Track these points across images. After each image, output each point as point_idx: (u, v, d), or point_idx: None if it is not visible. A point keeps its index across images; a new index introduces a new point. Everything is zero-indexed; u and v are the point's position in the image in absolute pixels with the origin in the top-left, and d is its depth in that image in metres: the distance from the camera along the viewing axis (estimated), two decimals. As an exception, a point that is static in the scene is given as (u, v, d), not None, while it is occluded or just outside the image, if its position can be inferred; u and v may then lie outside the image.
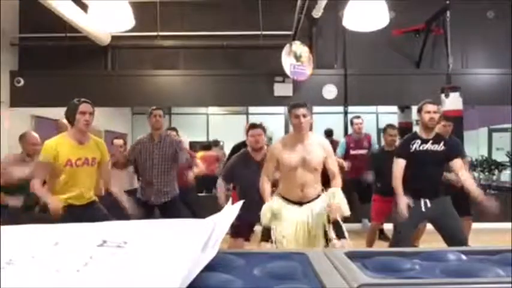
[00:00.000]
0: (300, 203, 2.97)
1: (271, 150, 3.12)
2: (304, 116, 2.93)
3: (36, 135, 4.05)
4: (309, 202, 2.97)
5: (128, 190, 5.14)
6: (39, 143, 3.91)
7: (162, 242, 0.62)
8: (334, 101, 6.68)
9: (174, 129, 4.92)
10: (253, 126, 3.79)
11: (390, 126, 4.74)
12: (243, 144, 4.44)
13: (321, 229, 2.89)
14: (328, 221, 2.87)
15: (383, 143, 4.80)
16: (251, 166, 3.59)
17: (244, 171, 3.65)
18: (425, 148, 3.32)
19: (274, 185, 3.20)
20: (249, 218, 3.21)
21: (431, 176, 3.31)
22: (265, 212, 2.91)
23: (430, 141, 3.33)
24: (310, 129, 3.18)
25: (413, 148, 3.33)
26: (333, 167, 3.07)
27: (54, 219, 2.75)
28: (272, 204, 2.94)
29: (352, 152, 5.46)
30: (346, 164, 5.03)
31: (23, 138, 3.99)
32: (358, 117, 5.59)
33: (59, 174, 2.99)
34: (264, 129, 3.78)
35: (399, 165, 3.34)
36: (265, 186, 3.07)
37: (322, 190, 3.04)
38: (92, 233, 0.67)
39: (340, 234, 2.88)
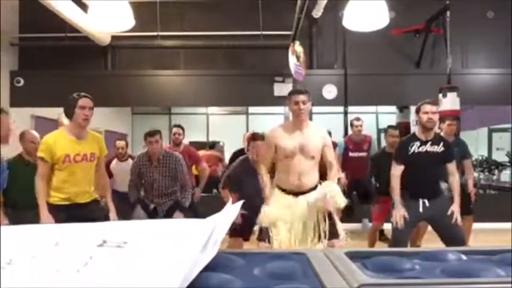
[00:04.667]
0: (297, 193, 2.93)
1: (269, 136, 3.07)
2: (303, 102, 2.91)
3: (35, 133, 4.07)
4: (305, 192, 2.93)
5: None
6: (37, 141, 3.93)
7: (162, 242, 0.62)
8: (334, 101, 6.68)
9: (180, 126, 4.87)
10: (254, 138, 3.73)
11: (392, 127, 4.72)
12: (242, 152, 4.47)
13: (315, 224, 2.87)
14: (324, 219, 2.85)
15: (384, 143, 4.79)
16: (252, 174, 3.57)
17: (245, 179, 3.65)
18: (424, 150, 3.28)
19: (273, 170, 3.16)
20: (251, 223, 3.20)
21: (430, 177, 3.29)
22: (263, 217, 2.90)
23: (429, 143, 3.29)
24: (310, 117, 3.16)
25: (412, 150, 3.29)
26: (331, 157, 3.03)
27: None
28: (271, 210, 2.92)
29: (350, 154, 5.43)
30: (343, 177, 5.09)
31: (22, 136, 4.02)
32: (358, 119, 5.56)
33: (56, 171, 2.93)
34: None
35: (396, 173, 3.31)
36: (265, 179, 3.03)
37: (320, 183, 3.00)
38: (92, 233, 0.67)
39: (334, 233, 2.87)
